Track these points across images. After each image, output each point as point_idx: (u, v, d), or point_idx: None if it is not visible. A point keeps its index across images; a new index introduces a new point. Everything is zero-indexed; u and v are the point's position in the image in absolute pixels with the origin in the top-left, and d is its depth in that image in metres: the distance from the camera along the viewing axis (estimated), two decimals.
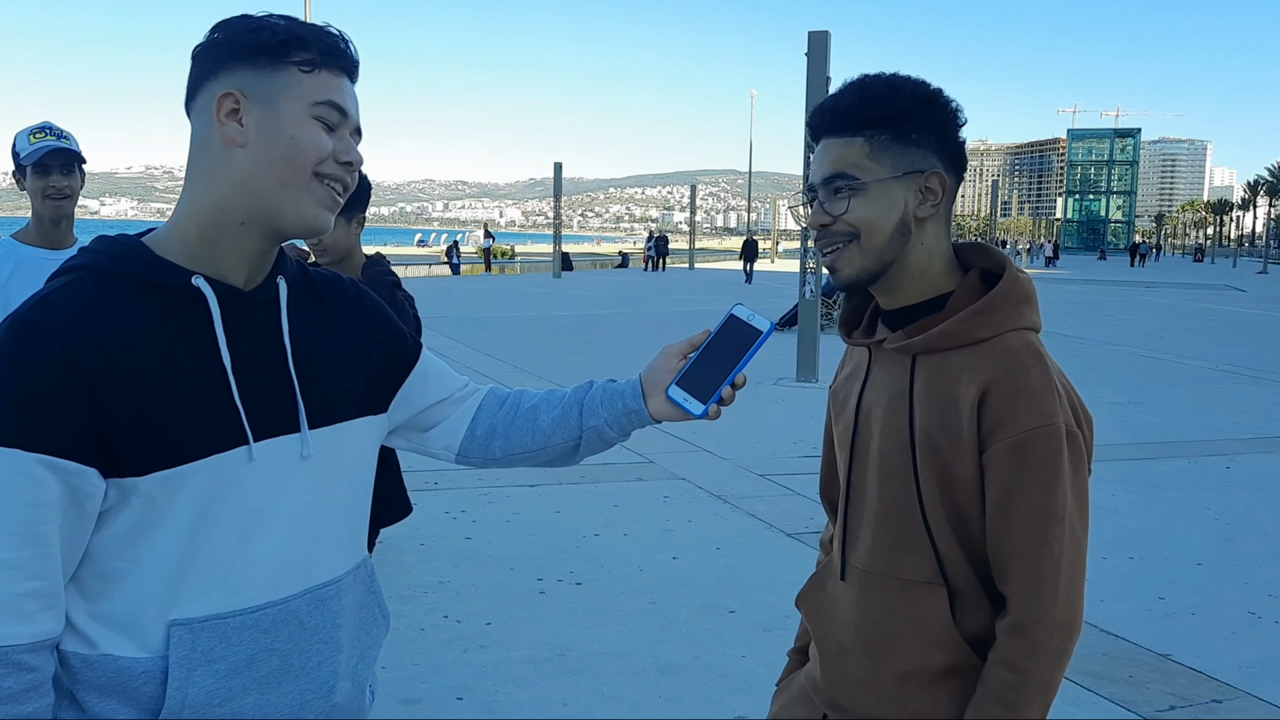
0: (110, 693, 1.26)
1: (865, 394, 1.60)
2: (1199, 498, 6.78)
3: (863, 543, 1.58)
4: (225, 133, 1.27)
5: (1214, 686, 3.97)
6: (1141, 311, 23.92)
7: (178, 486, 1.23)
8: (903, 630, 1.52)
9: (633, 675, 3.95)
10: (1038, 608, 1.40)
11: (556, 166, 34.78)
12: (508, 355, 12.90)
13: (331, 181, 1.31)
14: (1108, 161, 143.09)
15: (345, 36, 1.34)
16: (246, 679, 1.29)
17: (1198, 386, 11.87)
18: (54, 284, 1.27)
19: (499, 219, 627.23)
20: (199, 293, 1.28)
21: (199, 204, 1.30)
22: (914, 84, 1.51)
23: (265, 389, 1.31)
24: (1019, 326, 1.49)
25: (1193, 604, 4.85)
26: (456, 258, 38.25)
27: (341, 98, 1.31)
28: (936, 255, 1.54)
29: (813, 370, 11.31)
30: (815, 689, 1.68)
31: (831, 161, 1.51)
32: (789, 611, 4.55)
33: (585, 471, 6.83)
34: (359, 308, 1.51)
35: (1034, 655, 1.40)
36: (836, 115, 1.51)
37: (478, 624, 4.41)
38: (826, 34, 11.25)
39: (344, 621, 1.40)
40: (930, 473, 1.48)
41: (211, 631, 1.27)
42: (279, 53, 1.27)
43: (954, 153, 1.53)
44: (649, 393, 1.53)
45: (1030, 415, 1.41)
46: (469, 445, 1.61)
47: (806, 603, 1.73)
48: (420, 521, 5.80)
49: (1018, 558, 1.42)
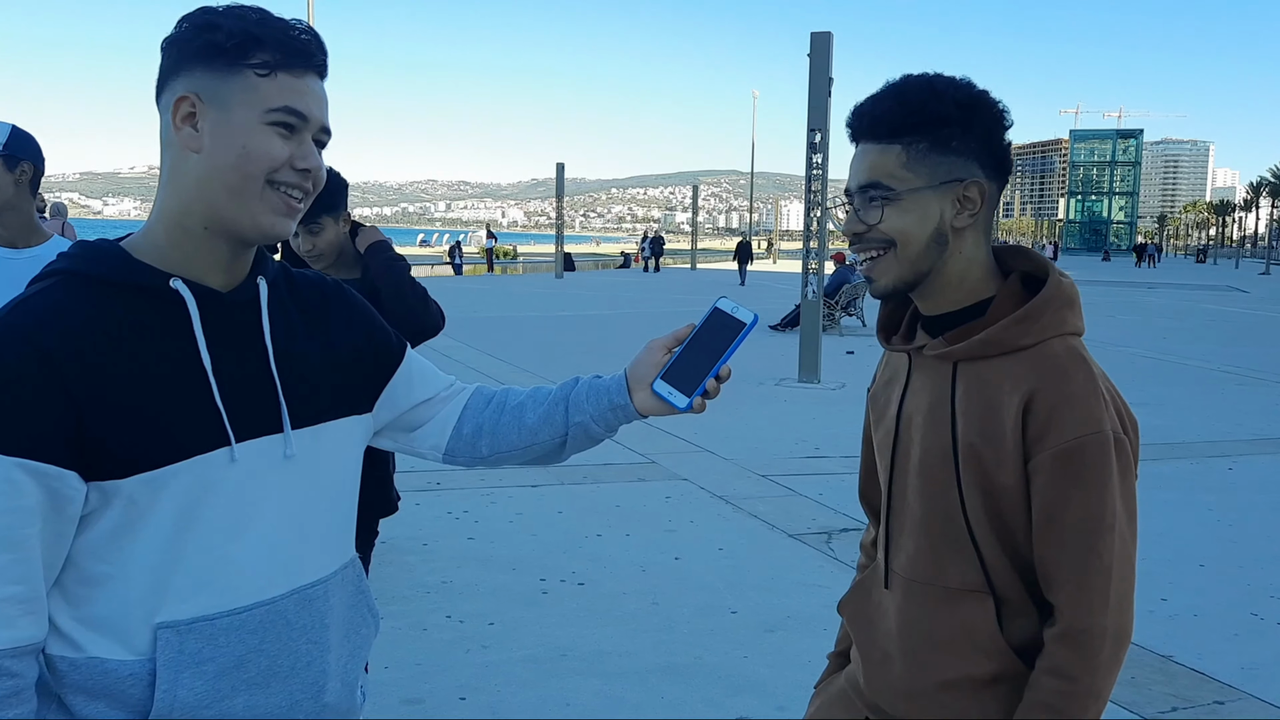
0: (98, 695, 1.25)
1: (906, 401, 1.57)
2: (1201, 499, 6.77)
3: (905, 551, 1.56)
4: (181, 138, 1.26)
5: (1216, 688, 3.97)
6: (1144, 312, 23.90)
7: (160, 488, 1.22)
8: (949, 638, 1.50)
9: (635, 676, 3.96)
10: (1089, 617, 1.38)
11: (559, 167, 34.78)
12: (510, 355, 12.90)
13: (288, 189, 1.28)
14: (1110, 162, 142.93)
15: (308, 31, 1.30)
16: (235, 680, 1.29)
17: (1200, 387, 11.87)
18: (32, 289, 1.27)
19: (501, 219, 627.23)
20: (177, 295, 1.27)
21: (166, 207, 1.30)
22: (956, 87, 1.46)
23: (247, 390, 1.30)
24: (1062, 332, 1.46)
25: (1195, 605, 4.85)
26: (459, 258, 38.24)
27: (300, 101, 1.27)
28: (975, 262, 1.51)
29: (814, 371, 11.30)
30: (858, 693, 1.67)
31: (867, 169, 1.48)
32: (791, 612, 4.58)
33: (587, 472, 6.84)
34: (342, 307, 1.50)
35: (1085, 664, 1.38)
36: (874, 121, 1.47)
37: (480, 624, 4.41)
38: (829, 35, 11.24)
39: (332, 621, 1.39)
40: (973, 481, 1.45)
41: (199, 633, 1.26)
42: (235, 55, 1.24)
43: (998, 158, 1.48)
44: (634, 387, 1.52)
45: (1076, 422, 1.38)
46: (455, 444, 1.60)
47: (849, 609, 1.71)
48: (422, 522, 5.82)
49: (1067, 566, 1.39)
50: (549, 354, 13.28)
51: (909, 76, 1.50)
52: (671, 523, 5.99)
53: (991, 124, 1.47)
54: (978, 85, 1.49)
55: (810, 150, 11.44)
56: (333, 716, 1.41)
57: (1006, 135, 1.49)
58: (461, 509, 6.12)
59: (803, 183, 11.65)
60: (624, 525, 5.91)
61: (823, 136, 11.33)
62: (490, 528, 5.81)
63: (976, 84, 1.49)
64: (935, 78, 1.48)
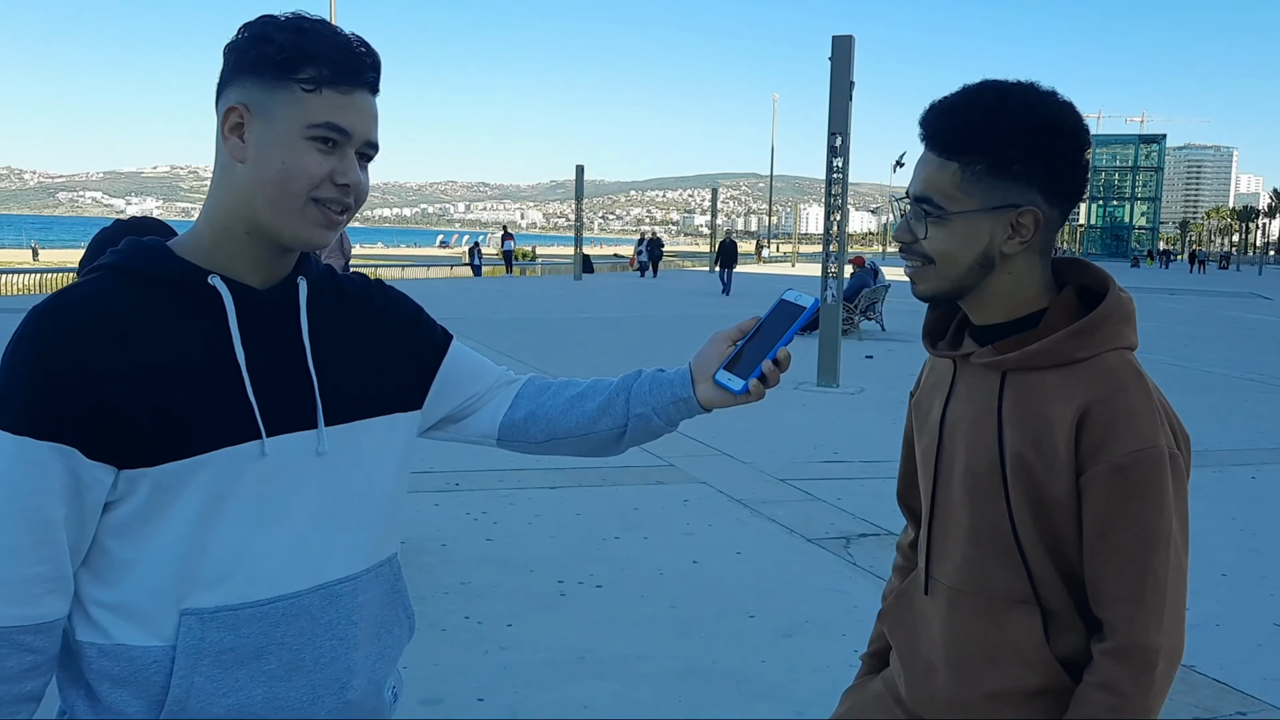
0: (123, 683, 1.27)
1: (950, 408, 1.55)
2: (1223, 508, 6.71)
3: (951, 559, 1.55)
4: (229, 147, 1.29)
5: (1239, 699, 3.94)
6: (1165, 319, 23.71)
7: (187, 477, 1.24)
8: (995, 650, 1.49)
9: (653, 679, 3.96)
10: (1142, 633, 1.36)
11: (578, 169, 34.83)
12: (530, 357, 12.92)
13: (328, 204, 1.30)
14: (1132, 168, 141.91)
15: (363, 47, 1.30)
16: (254, 671, 1.30)
17: (1222, 395, 11.76)
18: (78, 281, 1.31)
19: (520, 221, 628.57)
20: (215, 291, 1.30)
21: (213, 210, 1.33)
22: (1027, 106, 1.40)
23: (282, 386, 1.32)
24: (1118, 346, 1.44)
25: (1217, 615, 4.81)
26: (478, 259, 38.38)
27: (344, 117, 1.28)
28: (1026, 283, 1.48)
29: (834, 375, 11.28)
30: (899, 703, 1.65)
31: (922, 181, 1.45)
32: (809, 617, 4.58)
33: (605, 474, 6.85)
34: (384, 305, 1.51)
35: (1137, 681, 1.36)
36: (936, 132, 1.44)
37: (498, 625, 4.43)
38: (850, 39, 11.22)
39: (361, 619, 1.40)
40: (1022, 492, 1.43)
41: (221, 622, 1.28)
42: (283, 69, 1.26)
43: (1066, 183, 1.43)
44: (698, 379, 1.52)
45: (1132, 438, 1.36)
46: (509, 428, 1.60)
47: (890, 617, 1.70)
48: (441, 523, 5.84)
49: (1121, 583, 1.37)
50: (572, 356, 13.29)
51: (985, 86, 1.43)
52: (690, 526, 5.99)
53: (1062, 148, 1.42)
54: (1059, 100, 1.42)
55: (831, 154, 11.41)
56: (357, 715, 1.41)
57: (1084, 157, 1.44)
58: (480, 510, 6.14)
59: (822, 186, 11.62)
60: (642, 528, 5.91)
61: (843, 140, 11.30)
62: (509, 529, 5.82)
63: (1060, 98, 1.42)
64: (1010, 92, 1.41)
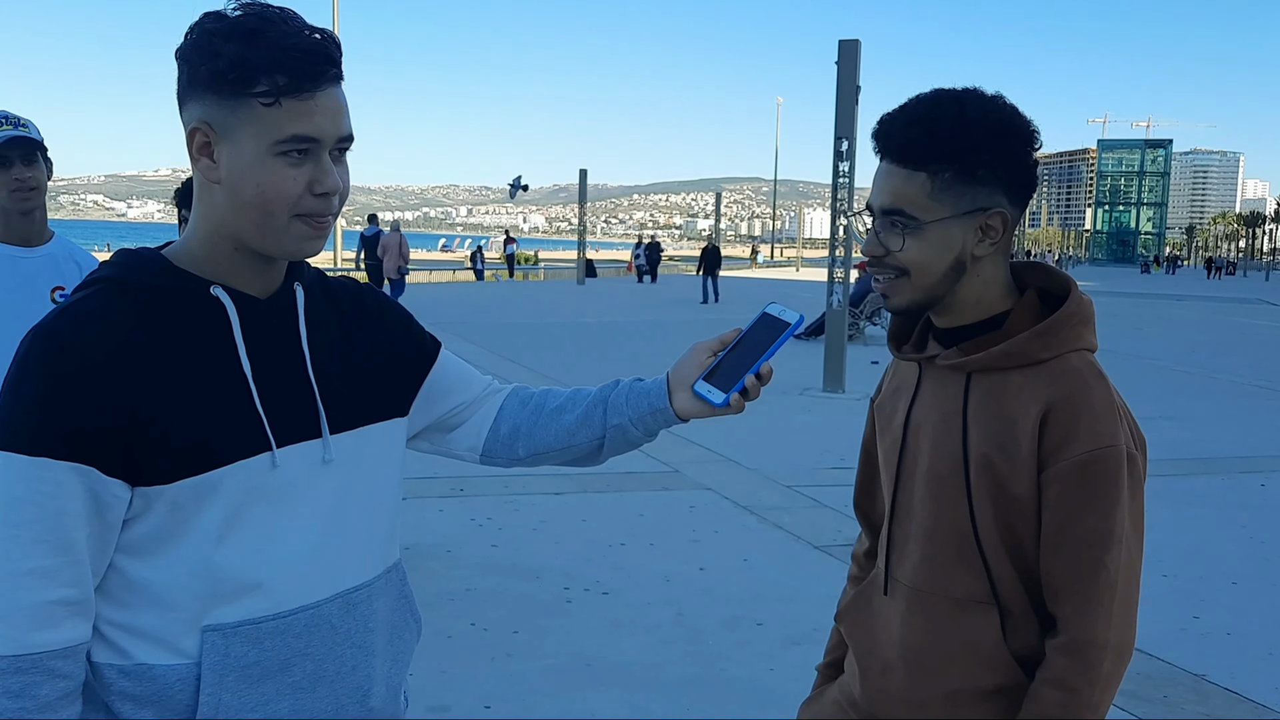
0: (146, 702, 1.26)
1: (914, 410, 1.58)
2: (1233, 515, 6.67)
3: (910, 559, 1.57)
4: (200, 169, 1.26)
5: (1250, 708, 3.90)
6: (1172, 325, 23.67)
7: (205, 494, 1.23)
8: (952, 649, 1.51)
9: (659, 687, 3.93)
10: (1091, 629, 1.40)
11: (581, 173, 34.83)
12: (533, 362, 12.91)
13: (311, 217, 1.27)
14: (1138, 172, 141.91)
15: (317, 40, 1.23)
16: (280, 684, 1.29)
17: (1230, 402, 11.71)
18: (76, 296, 1.28)
19: (523, 224, 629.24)
20: (218, 302, 1.28)
21: (200, 224, 1.31)
22: (985, 112, 1.43)
23: (286, 395, 1.31)
24: (1079, 347, 1.48)
25: (1228, 624, 4.78)
26: (481, 263, 38.41)
27: (310, 125, 1.22)
28: (993, 284, 1.52)
29: (839, 380, 11.25)
30: (853, 705, 1.67)
31: (891, 194, 1.46)
32: (817, 624, 4.54)
33: (611, 480, 6.83)
34: (376, 310, 1.51)
35: (1085, 676, 1.40)
36: (901, 145, 1.45)
37: (504, 632, 4.40)
38: (857, 43, 11.18)
39: (376, 625, 1.39)
40: (984, 492, 1.46)
41: (244, 636, 1.26)
42: (238, 86, 1.20)
43: (1022, 182, 1.47)
44: (675, 389, 1.50)
45: (1093, 436, 1.40)
46: (492, 445, 1.60)
47: (848, 618, 1.71)
48: (446, 529, 5.82)
49: (1073, 578, 1.42)
50: (573, 360, 13.28)
51: (940, 95, 1.46)
52: (696, 533, 5.97)
53: (1020, 149, 1.45)
54: (1008, 103, 1.46)
55: (837, 158, 11.38)
56: None
57: (1035, 157, 1.48)
58: (485, 516, 6.12)
59: (826, 190, 11.60)
60: (648, 535, 5.89)
61: (849, 144, 11.27)
62: (514, 535, 5.80)
63: (1007, 101, 1.47)
64: (967, 101, 1.44)
